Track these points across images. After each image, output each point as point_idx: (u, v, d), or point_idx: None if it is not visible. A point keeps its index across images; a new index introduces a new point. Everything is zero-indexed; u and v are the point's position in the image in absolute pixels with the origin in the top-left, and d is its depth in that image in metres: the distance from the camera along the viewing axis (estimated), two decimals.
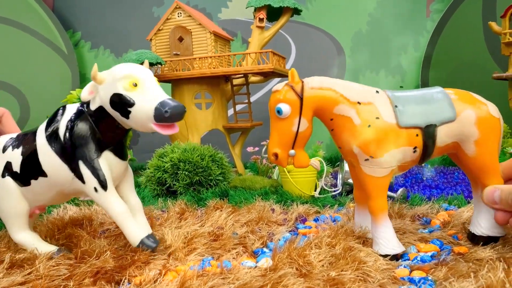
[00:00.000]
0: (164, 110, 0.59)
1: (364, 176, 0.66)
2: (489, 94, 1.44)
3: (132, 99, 0.61)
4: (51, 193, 0.70)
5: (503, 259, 0.57)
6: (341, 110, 0.64)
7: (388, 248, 0.64)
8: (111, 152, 0.67)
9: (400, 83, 2.03)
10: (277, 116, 0.64)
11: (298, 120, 0.64)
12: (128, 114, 0.62)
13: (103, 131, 0.66)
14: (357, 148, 0.64)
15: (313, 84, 0.65)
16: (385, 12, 2.06)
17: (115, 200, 0.66)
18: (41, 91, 2.12)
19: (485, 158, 0.66)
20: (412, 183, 1.24)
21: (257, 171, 1.45)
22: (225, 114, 1.50)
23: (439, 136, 0.65)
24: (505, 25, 1.44)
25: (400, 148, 0.64)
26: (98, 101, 0.64)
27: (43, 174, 0.67)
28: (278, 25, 1.47)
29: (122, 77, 0.62)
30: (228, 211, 0.92)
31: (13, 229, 0.71)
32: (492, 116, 0.66)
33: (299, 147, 0.66)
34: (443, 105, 0.65)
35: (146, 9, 2.20)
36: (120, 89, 0.61)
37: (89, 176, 0.65)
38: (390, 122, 0.64)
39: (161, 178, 1.16)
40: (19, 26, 2.13)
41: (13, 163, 0.70)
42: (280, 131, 0.65)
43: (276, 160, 0.66)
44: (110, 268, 0.61)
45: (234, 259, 0.67)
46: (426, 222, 0.83)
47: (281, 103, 0.63)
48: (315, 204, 1.00)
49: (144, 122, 0.61)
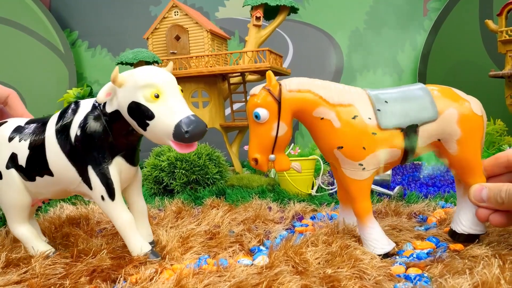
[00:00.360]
0: (184, 130, 0.55)
1: (346, 179, 0.65)
2: (486, 92, 1.45)
3: (152, 112, 0.57)
4: (56, 189, 0.68)
5: (498, 255, 0.57)
6: (321, 113, 0.63)
7: (378, 248, 0.64)
8: (122, 158, 0.64)
9: (398, 82, 2.04)
10: (255, 121, 0.62)
11: (277, 125, 0.62)
12: (146, 126, 0.58)
13: (117, 135, 0.62)
14: (337, 151, 0.63)
15: (291, 86, 0.63)
16: (382, 10, 2.06)
17: (121, 210, 0.64)
18: (38, 90, 2.12)
19: (468, 157, 0.65)
20: (409, 181, 1.24)
21: (254, 169, 1.45)
22: (222, 113, 1.50)
23: (421, 136, 0.64)
24: (502, 23, 1.45)
25: (381, 150, 0.63)
26: (116, 105, 0.60)
27: (50, 173, 0.65)
28: (275, 23, 1.47)
29: (144, 85, 0.57)
30: (225, 209, 0.92)
31: (13, 222, 0.70)
32: (475, 114, 0.64)
33: (279, 151, 0.64)
34: (424, 104, 0.64)
35: (143, 8, 2.19)
36: (141, 98, 0.57)
37: (98, 184, 0.62)
38: (371, 124, 0.63)
39: (158, 177, 1.16)
40: (16, 26, 2.12)
41: (19, 156, 0.67)
42: (259, 136, 0.63)
43: (256, 165, 0.65)
44: (107, 266, 0.61)
45: (231, 257, 0.67)
46: (423, 219, 0.83)
47: (258, 107, 0.61)
48: (312, 202, 1.00)
49: (161, 137, 0.58)
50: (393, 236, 0.71)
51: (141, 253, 0.64)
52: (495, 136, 1.49)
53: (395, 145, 0.63)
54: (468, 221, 0.66)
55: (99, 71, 2.22)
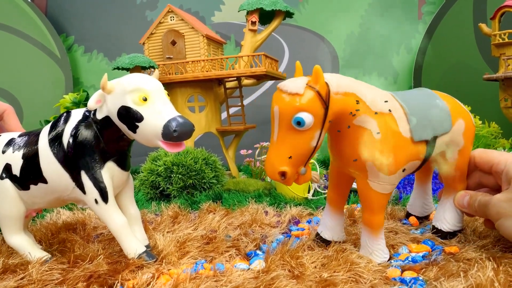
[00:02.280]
0: (173, 129, 0.57)
1: (369, 192, 0.61)
2: (481, 94, 1.45)
3: (140, 114, 0.59)
4: (50, 198, 0.69)
5: (492, 258, 0.58)
6: (362, 121, 0.56)
7: (380, 258, 0.64)
8: (114, 163, 0.66)
9: (393, 85, 2.05)
10: (294, 127, 0.52)
11: (319, 133, 0.53)
12: (135, 128, 0.60)
13: (108, 141, 0.64)
14: (371, 163, 0.58)
15: (337, 88, 0.54)
16: (377, 14, 2.07)
17: (115, 212, 0.65)
18: (34, 95, 2.12)
19: (463, 166, 0.68)
20: (405, 184, 1.25)
21: (251, 173, 1.45)
22: (218, 117, 1.50)
23: (436, 147, 0.64)
24: (495, 27, 1.46)
25: (409, 163, 0.61)
26: (105, 111, 0.63)
27: (43, 181, 0.66)
28: (270, 28, 1.48)
29: (132, 89, 0.60)
30: (221, 214, 0.92)
31: (8, 232, 0.71)
32: (473, 125, 0.67)
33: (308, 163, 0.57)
34: (444, 115, 0.63)
35: (139, 13, 2.20)
36: (129, 102, 0.60)
37: (91, 188, 0.64)
38: (406, 137, 0.59)
39: (155, 182, 1.16)
40: (12, 31, 2.12)
41: (13, 165, 0.68)
42: (295, 145, 0.53)
43: (283, 180, 0.55)
44: (104, 272, 0.61)
45: (227, 261, 0.67)
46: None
47: (303, 112, 0.51)
48: (308, 206, 1.01)
49: (151, 138, 0.60)
50: (389, 239, 0.72)
51: (136, 255, 0.65)
52: (490, 139, 1.50)
53: (419, 157, 0.62)
54: (452, 219, 0.71)
55: (95, 76, 2.22)
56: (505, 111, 1.48)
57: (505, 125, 1.58)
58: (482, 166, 0.69)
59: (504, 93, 1.46)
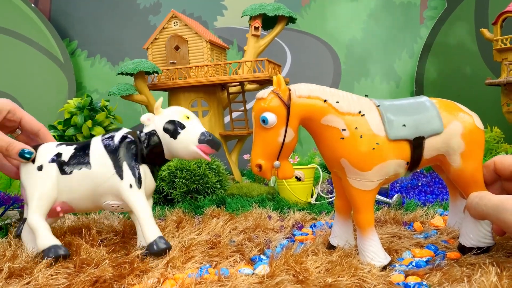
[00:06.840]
0: (207, 137, 0.75)
1: (351, 189, 0.64)
2: (483, 99, 1.46)
3: (184, 124, 0.76)
4: (85, 188, 0.76)
5: (496, 263, 0.58)
6: (329, 121, 0.62)
7: (374, 261, 0.64)
8: (148, 168, 0.78)
9: (395, 90, 2.05)
10: (262, 126, 0.61)
11: (285, 131, 0.61)
12: (177, 135, 0.75)
13: (149, 151, 0.78)
14: (345, 160, 0.63)
15: (300, 92, 0.62)
16: (379, 19, 2.08)
17: (144, 199, 0.75)
18: (37, 100, 2.13)
19: (471, 171, 0.66)
20: (408, 188, 1.25)
21: (254, 178, 1.45)
22: (221, 122, 1.51)
23: (426, 148, 0.64)
24: (497, 32, 1.46)
25: (388, 161, 0.63)
26: (152, 126, 0.78)
27: (88, 165, 0.76)
28: (273, 33, 1.48)
29: (179, 111, 0.78)
30: (225, 218, 0.93)
31: (33, 210, 0.75)
32: (478, 128, 0.66)
33: (284, 158, 0.64)
34: (431, 116, 0.64)
35: (143, 18, 2.21)
36: (176, 117, 0.77)
37: (129, 174, 0.75)
38: (380, 135, 0.62)
39: (159, 186, 1.17)
40: (15, 35, 2.13)
41: (63, 153, 0.78)
42: (264, 141, 0.62)
43: (260, 172, 0.63)
44: (109, 276, 0.62)
45: (232, 266, 0.68)
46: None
47: (266, 111, 0.61)
48: (312, 210, 1.01)
49: (188, 143, 0.75)
50: (393, 243, 0.72)
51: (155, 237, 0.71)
52: (493, 144, 1.50)
53: (402, 156, 0.63)
54: (475, 234, 0.66)
55: (98, 80, 2.23)
56: (507, 116, 1.49)
57: (508, 130, 1.58)
58: (503, 172, 0.67)
59: (506, 97, 1.47)
